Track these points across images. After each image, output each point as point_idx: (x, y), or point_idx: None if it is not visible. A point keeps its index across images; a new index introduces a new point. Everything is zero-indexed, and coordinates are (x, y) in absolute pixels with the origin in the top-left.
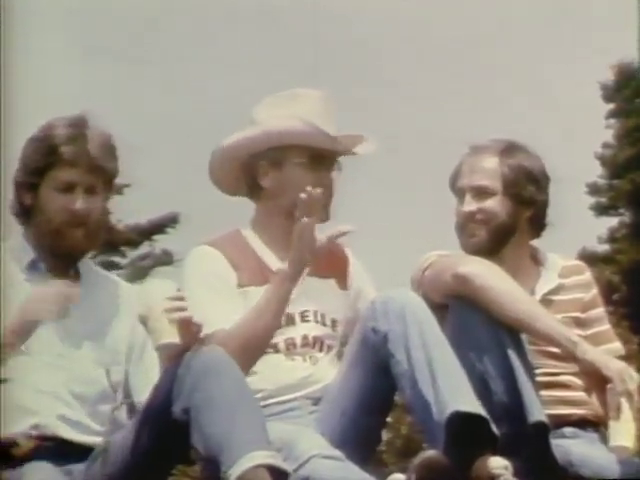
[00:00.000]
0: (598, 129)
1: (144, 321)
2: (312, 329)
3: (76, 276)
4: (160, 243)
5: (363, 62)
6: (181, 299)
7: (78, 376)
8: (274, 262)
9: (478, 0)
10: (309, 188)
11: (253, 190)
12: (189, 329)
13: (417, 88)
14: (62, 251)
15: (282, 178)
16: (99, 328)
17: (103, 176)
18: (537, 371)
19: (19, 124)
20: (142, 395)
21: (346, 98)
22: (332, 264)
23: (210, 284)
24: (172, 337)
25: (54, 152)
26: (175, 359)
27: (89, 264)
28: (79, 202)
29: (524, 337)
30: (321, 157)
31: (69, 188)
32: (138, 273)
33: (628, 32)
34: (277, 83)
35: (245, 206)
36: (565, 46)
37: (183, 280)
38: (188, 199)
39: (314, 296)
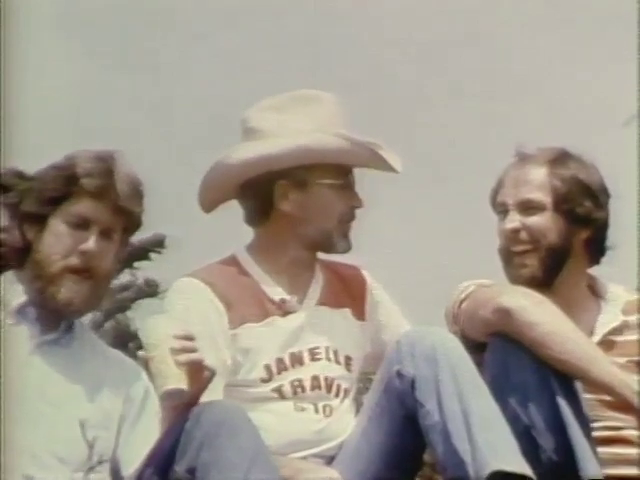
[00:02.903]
0: None
1: (145, 362)
2: (324, 369)
3: (67, 330)
4: (143, 271)
5: (365, 64)
6: (190, 338)
7: (60, 437)
8: (276, 292)
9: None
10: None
11: (258, 213)
12: (199, 374)
13: (434, 91)
14: (54, 305)
15: (307, 201)
16: (93, 388)
17: (124, 220)
18: (594, 425)
19: (19, 124)
20: (130, 467)
21: (349, 101)
22: (346, 290)
23: (193, 329)
24: (179, 383)
25: (74, 182)
26: (182, 410)
27: (82, 323)
28: (92, 241)
29: (578, 383)
30: (347, 174)
31: (83, 224)
32: (118, 307)
33: None
34: (279, 87)
35: (243, 228)
36: (615, 45)
37: None
38: (176, 219)
39: (325, 330)
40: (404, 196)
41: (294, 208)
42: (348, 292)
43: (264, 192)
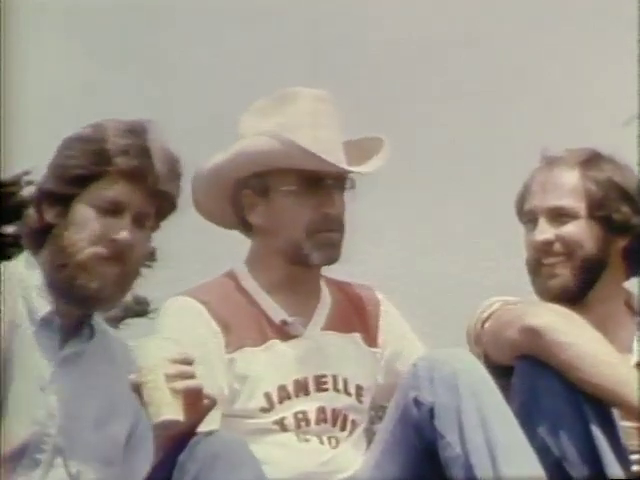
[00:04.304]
0: None
1: (137, 389)
2: (331, 400)
3: (89, 338)
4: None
5: (365, 64)
6: (189, 363)
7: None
8: (277, 312)
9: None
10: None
11: (244, 225)
12: (198, 403)
13: (434, 91)
14: (82, 294)
15: (271, 211)
16: (103, 412)
17: (161, 204)
18: (633, 457)
19: (19, 124)
20: None
21: (349, 102)
22: (357, 314)
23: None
24: (174, 413)
25: (106, 160)
26: (177, 441)
27: (103, 325)
28: (125, 231)
29: (615, 410)
30: (316, 179)
31: (116, 210)
32: None
33: None
34: (279, 87)
35: (240, 239)
36: (615, 45)
37: None
38: (169, 229)
39: (332, 356)
40: (403, 197)
41: (261, 219)
42: (359, 316)
43: (239, 204)
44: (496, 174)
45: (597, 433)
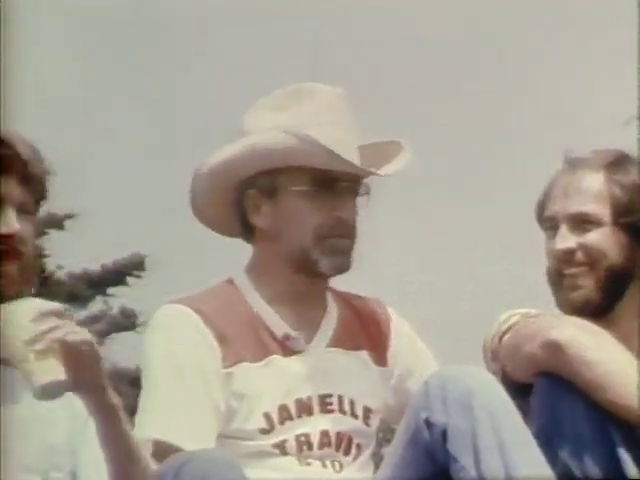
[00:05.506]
0: None
1: (9, 364)
2: (336, 422)
3: None
4: (119, 299)
5: (365, 64)
6: (57, 313)
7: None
8: (279, 325)
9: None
10: None
11: (245, 228)
12: (77, 355)
13: (434, 91)
14: None
15: (278, 213)
16: (33, 423)
17: (36, 189)
18: None
19: (19, 124)
20: None
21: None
22: (365, 329)
23: (177, 370)
24: (49, 373)
25: None
26: (98, 399)
27: None
28: (13, 222)
29: None
30: (331, 181)
31: None
32: None
33: None
34: (280, 87)
35: (238, 246)
36: (615, 45)
37: (141, 357)
38: (158, 237)
39: (339, 375)
40: (403, 197)
41: (267, 222)
42: (368, 332)
43: (241, 205)
44: (496, 174)
45: (624, 457)
